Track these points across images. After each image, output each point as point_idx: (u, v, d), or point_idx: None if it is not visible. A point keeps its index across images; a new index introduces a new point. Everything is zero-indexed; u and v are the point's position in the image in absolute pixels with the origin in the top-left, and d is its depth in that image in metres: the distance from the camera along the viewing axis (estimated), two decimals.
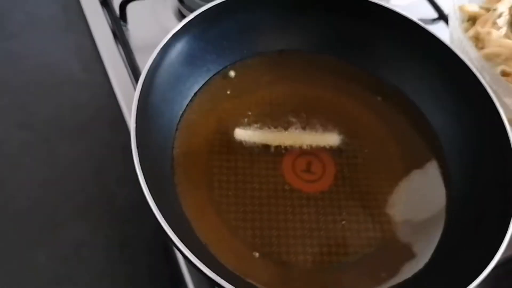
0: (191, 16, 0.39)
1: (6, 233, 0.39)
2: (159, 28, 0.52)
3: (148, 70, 0.35)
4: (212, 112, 0.41)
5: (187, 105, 0.40)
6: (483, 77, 0.39)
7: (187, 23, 0.37)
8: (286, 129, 0.41)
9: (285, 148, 0.40)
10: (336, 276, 0.35)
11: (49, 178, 0.42)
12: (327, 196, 0.38)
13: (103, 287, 0.39)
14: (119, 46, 0.49)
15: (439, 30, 0.43)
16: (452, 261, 0.36)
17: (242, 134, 0.40)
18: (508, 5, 0.46)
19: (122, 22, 0.51)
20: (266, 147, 0.40)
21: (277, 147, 0.40)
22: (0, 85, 0.46)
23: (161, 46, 0.36)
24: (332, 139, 0.41)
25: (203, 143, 0.39)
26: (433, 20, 0.57)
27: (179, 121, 0.39)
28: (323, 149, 0.40)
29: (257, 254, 0.35)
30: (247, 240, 0.36)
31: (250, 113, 0.41)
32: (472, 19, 0.47)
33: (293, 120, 0.41)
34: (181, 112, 0.39)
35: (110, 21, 0.51)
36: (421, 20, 0.42)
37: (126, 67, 0.48)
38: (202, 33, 0.39)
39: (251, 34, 0.43)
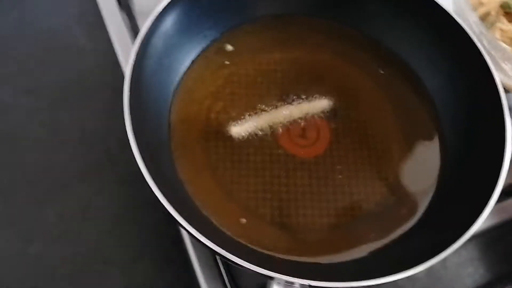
0: None
1: (17, 195, 0.42)
2: None
3: (143, 38, 0.35)
4: (210, 79, 0.41)
5: (185, 72, 0.41)
6: (482, 42, 0.38)
7: None
8: (280, 100, 0.41)
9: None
10: (329, 236, 0.37)
11: (56, 143, 0.44)
12: (321, 160, 0.39)
13: (109, 245, 0.41)
14: (123, 12, 0.49)
15: None
16: (440, 222, 0.37)
17: (238, 130, 0.40)
18: None
19: None
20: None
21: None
22: (6, 52, 0.47)
23: (155, 14, 0.36)
24: (325, 105, 0.41)
25: (200, 109, 0.40)
26: None
27: (177, 88, 0.40)
28: (317, 115, 0.41)
29: (244, 220, 0.36)
30: (242, 203, 0.37)
31: (246, 83, 0.42)
32: None
33: (289, 88, 0.42)
34: (178, 79, 0.40)
35: None
36: None
37: (130, 33, 0.48)
38: (197, 1, 0.40)
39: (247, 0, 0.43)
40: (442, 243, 0.33)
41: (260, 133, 0.39)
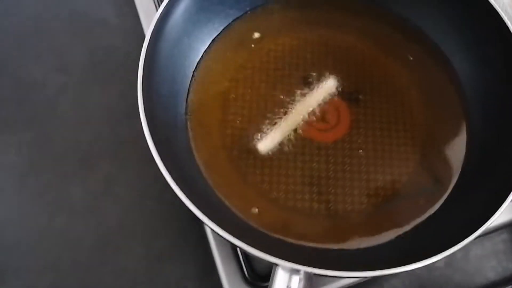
0: None
1: (46, 169, 0.44)
2: None
3: (159, 16, 0.35)
4: (231, 59, 0.41)
5: (205, 51, 0.40)
6: None
7: None
8: (302, 83, 0.40)
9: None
10: (341, 223, 0.36)
11: (83, 120, 0.45)
12: (340, 145, 0.39)
13: (130, 220, 0.42)
14: None
15: None
16: (460, 212, 0.35)
17: (264, 145, 0.38)
18: None
19: None
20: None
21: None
22: (38, 30, 0.49)
23: None
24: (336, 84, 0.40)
25: (219, 90, 0.40)
26: None
27: (196, 67, 0.40)
28: (339, 98, 0.40)
29: (256, 210, 0.36)
30: (256, 185, 0.37)
31: (268, 63, 0.41)
32: None
33: (312, 70, 0.41)
34: (198, 58, 0.40)
35: None
36: None
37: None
38: None
39: None
40: (459, 234, 0.32)
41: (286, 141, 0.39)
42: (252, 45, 0.42)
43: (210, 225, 0.29)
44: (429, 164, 0.38)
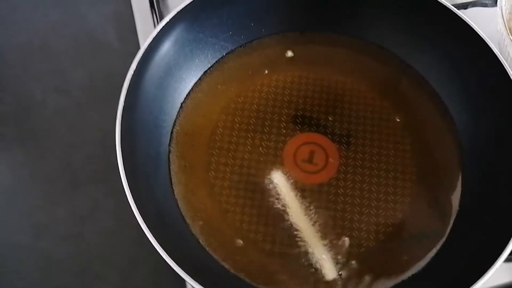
0: None
1: (35, 189, 0.44)
2: None
3: (147, 46, 0.35)
4: (221, 93, 0.40)
5: (195, 83, 0.40)
6: None
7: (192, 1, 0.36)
8: (293, 123, 0.39)
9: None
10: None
11: (76, 142, 0.45)
12: (325, 189, 0.37)
13: (110, 247, 0.42)
14: (154, 16, 0.50)
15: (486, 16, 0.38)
16: (443, 273, 0.33)
17: (330, 270, 0.35)
18: None
19: None
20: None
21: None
22: (43, 49, 0.49)
23: (163, 24, 0.36)
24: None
25: (207, 123, 0.39)
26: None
27: (185, 99, 0.39)
28: (329, 141, 0.39)
29: (240, 242, 0.35)
30: (235, 224, 0.36)
31: (259, 99, 0.40)
32: None
33: (304, 109, 0.40)
34: (187, 91, 0.40)
35: None
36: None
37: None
38: (214, 11, 0.38)
39: (270, 13, 0.41)
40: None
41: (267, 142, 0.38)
42: (244, 79, 0.41)
43: (176, 270, 0.29)
44: (417, 218, 0.36)
